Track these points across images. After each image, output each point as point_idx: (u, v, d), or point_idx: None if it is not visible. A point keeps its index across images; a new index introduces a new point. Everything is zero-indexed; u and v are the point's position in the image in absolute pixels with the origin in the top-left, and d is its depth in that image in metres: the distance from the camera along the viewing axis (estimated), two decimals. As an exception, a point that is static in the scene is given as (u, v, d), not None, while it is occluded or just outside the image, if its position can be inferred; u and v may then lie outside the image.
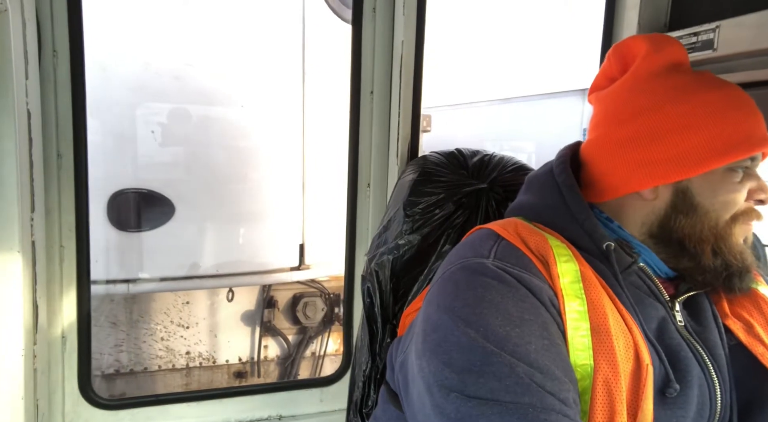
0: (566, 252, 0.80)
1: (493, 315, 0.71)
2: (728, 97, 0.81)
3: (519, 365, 0.67)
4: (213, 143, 2.93)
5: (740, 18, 1.01)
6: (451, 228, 1.09)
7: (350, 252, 1.71)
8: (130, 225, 2.78)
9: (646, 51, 0.85)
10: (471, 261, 0.80)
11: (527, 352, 0.68)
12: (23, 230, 1.27)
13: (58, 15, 1.36)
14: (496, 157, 1.21)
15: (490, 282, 0.75)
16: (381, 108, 1.64)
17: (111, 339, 3.25)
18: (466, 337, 0.70)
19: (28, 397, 1.34)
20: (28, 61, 1.27)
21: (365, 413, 1.14)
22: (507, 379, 0.66)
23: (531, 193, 0.94)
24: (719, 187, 0.81)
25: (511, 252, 0.80)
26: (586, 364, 0.71)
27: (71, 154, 1.42)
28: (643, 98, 0.84)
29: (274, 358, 3.58)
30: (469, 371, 0.67)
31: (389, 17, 1.59)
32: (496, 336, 0.69)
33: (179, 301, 3.37)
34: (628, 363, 0.72)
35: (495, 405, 0.65)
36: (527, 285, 0.75)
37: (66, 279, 1.45)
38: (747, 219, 0.84)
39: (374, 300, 1.13)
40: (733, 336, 0.84)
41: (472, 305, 0.73)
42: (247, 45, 2.87)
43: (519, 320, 0.71)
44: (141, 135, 2.78)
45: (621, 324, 0.75)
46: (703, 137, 0.80)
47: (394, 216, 1.16)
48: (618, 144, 0.86)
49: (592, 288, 0.76)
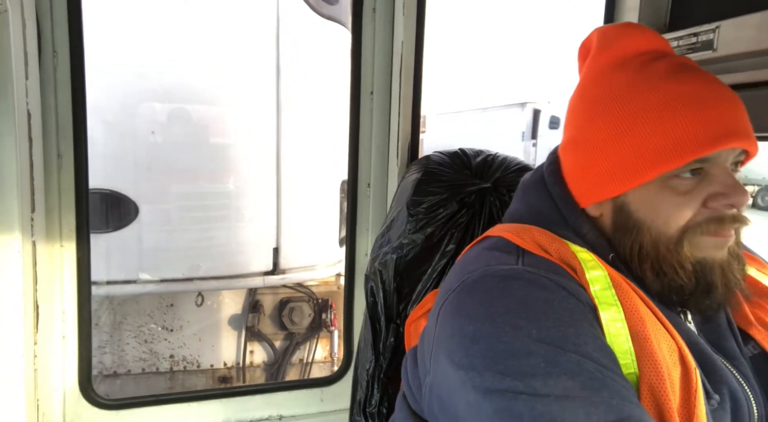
0: (591, 258, 0.75)
1: (543, 317, 0.67)
2: (669, 95, 0.72)
3: (586, 362, 0.63)
4: (180, 142, 2.83)
5: (740, 18, 1.02)
6: (455, 227, 1.10)
7: (350, 252, 1.71)
8: (92, 227, 2.70)
9: (596, 46, 0.80)
10: (498, 267, 0.75)
11: (588, 351, 0.64)
12: (23, 230, 1.27)
13: (58, 15, 1.35)
14: (499, 157, 1.21)
15: (528, 286, 0.70)
16: (381, 108, 1.64)
17: (94, 340, 3.17)
18: (519, 342, 0.65)
19: (28, 397, 1.33)
20: (27, 61, 1.27)
21: (369, 412, 1.14)
22: (579, 377, 0.62)
23: (525, 201, 0.89)
24: (657, 200, 0.73)
25: (539, 260, 0.75)
26: (630, 373, 0.66)
27: (71, 154, 1.42)
28: (586, 104, 0.79)
29: (260, 364, 3.50)
30: (534, 375, 0.63)
31: (389, 18, 1.59)
32: (553, 337, 0.65)
33: (163, 304, 3.30)
34: (676, 368, 0.67)
35: (576, 399, 0.60)
36: (566, 288, 0.70)
37: (66, 279, 1.45)
38: (707, 229, 0.72)
39: (377, 300, 1.14)
40: (757, 345, 0.78)
41: (517, 309, 0.68)
42: (219, 41, 2.78)
43: (570, 319, 0.67)
44: (104, 133, 2.66)
45: (661, 328, 0.70)
46: (629, 147, 0.73)
47: (398, 215, 1.16)
48: (565, 154, 0.84)
49: (625, 293, 0.71)
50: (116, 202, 2.72)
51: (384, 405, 1.13)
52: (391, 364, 1.13)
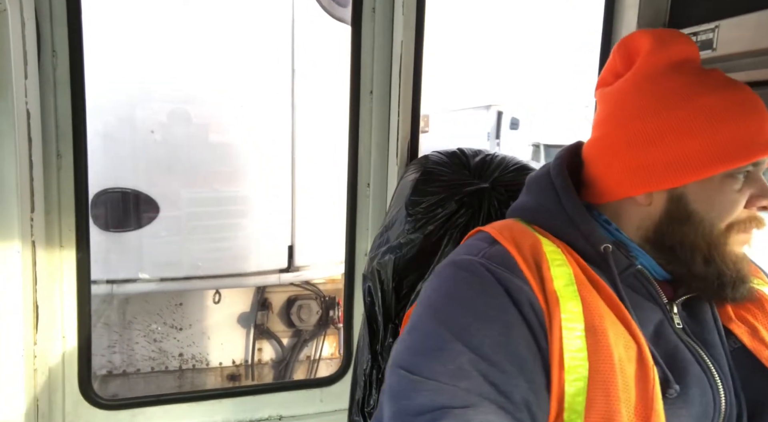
0: (560, 257, 0.80)
1: (459, 307, 0.76)
2: (730, 100, 0.78)
3: (467, 354, 0.71)
4: (200, 143, 2.90)
5: (740, 18, 1.02)
6: (454, 227, 1.10)
7: (350, 252, 1.71)
8: (114, 225, 2.78)
9: (650, 48, 0.83)
10: (459, 258, 0.83)
11: (480, 345, 0.71)
12: (23, 230, 1.27)
13: (58, 15, 1.35)
14: (498, 157, 1.21)
15: (468, 277, 0.78)
16: (380, 108, 1.64)
17: (104, 340, 3.21)
18: (431, 325, 0.76)
19: (28, 397, 1.33)
20: (27, 61, 1.27)
21: (367, 412, 1.14)
22: (450, 364, 0.70)
23: (530, 194, 0.94)
24: (715, 195, 0.79)
25: (499, 254, 0.81)
26: (580, 366, 0.70)
27: (71, 154, 1.42)
28: (642, 100, 0.82)
29: (268, 361, 3.54)
30: (422, 353, 0.73)
31: (389, 17, 1.59)
32: (456, 327, 0.74)
33: (172, 303, 3.33)
34: (630, 364, 0.71)
35: (432, 383, 0.69)
36: (505, 285, 0.76)
37: (66, 279, 1.45)
38: (746, 227, 0.81)
39: (375, 300, 1.14)
40: (737, 340, 0.83)
41: (446, 297, 0.79)
42: (236, 43, 2.83)
43: (483, 315, 0.74)
44: (126, 135, 2.75)
45: (620, 326, 0.74)
46: (698, 143, 0.77)
47: (396, 215, 1.16)
48: (615, 147, 0.85)
49: (586, 289, 0.76)
50: (137, 201, 2.79)
51: (383, 405, 1.13)
52: (390, 364, 1.13)
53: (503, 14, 25.65)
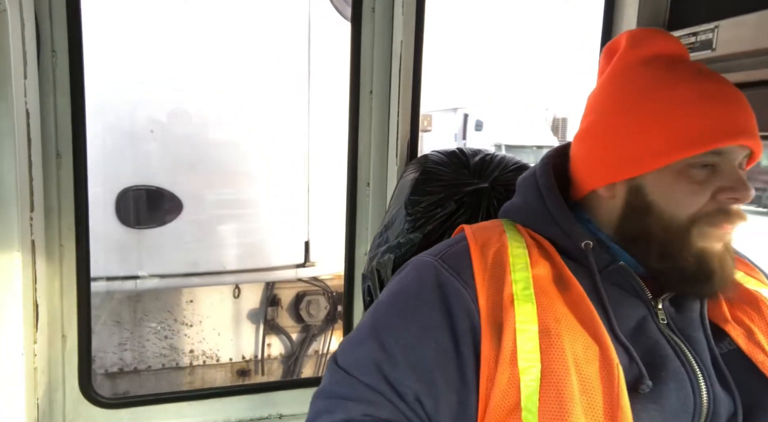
0: (522, 261, 0.81)
1: (391, 307, 0.83)
2: (692, 90, 0.78)
3: (379, 352, 0.78)
4: (219, 141, 3.00)
5: (739, 18, 1.02)
6: (453, 227, 1.09)
7: (350, 252, 1.72)
8: (137, 222, 2.87)
9: (624, 46, 0.86)
10: (420, 257, 0.88)
11: (394, 343, 0.78)
12: (23, 230, 1.27)
13: (57, 15, 1.35)
14: (497, 157, 1.21)
15: (414, 277, 0.84)
16: (380, 107, 1.64)
17: (115, 337, 3.26)
18: (366, 318, 0.85)
19: (28, 396, 1.34)
20: (26, 60, 1.27)
21: (367, 412, 1.14)
22: (363, 359, 0.78)
23: (518, 194, 0.96)
24: (673, 186, 0.78)
25: (458, 257, 0.84)
26: (532, 366, 0.72)
27: (70, 153, 1.42)
28: (610, 96, 0.85)
29: (277, 356, 3.61)
30: (348, 343, 0.83)
31: (388, 17, 1.59)
32: (381, 325, 0.81)
33: (183, 299, 3.38)
34: (590, 363, 0.72)
35: (343, 375, 0.79)
36: (444, 291, 0.80)
37: (66, 279, 1.45)
38: (713, 221, 0.78)
39: (375, 299, 1.14)
40: (732, 342, 0.82)
41: (388, 295, 0.86)
42: (254, 44, 2.91)
43: (410, 317, 0.80)
44: (145, 133, 2.85)
45: (578, 328, 0.75)
46: (653, 134, 0.78)
47: (396, 214, 1.16)
48: (585, 141, 0.88)
49: (543, 293, 0.78)
50: (161, 199, 2.89)
51: (382, 405, 1.13)
52: (390, 364, 1.13)
53: (473, 21, 25.47)
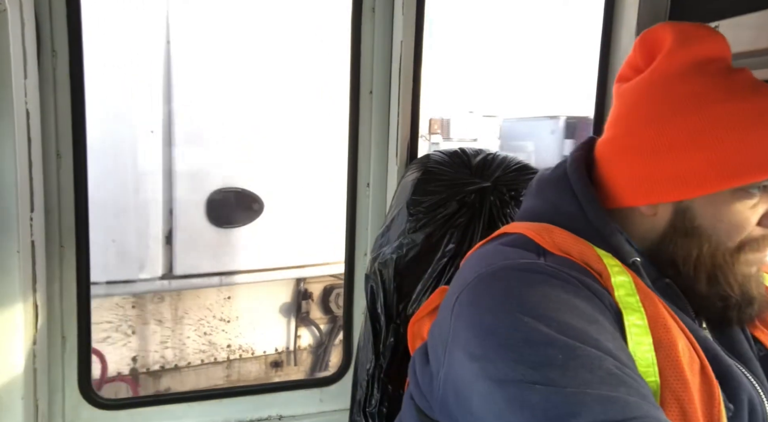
0: (616, 262, 0.74)
1: (564, 310, 0.66)
2: (749, 108, 0.70)
3: (606, 358, 0.62)
4: (295, 145, 3.29)
5: (740, 18, 1.02)
6: (455, 227, 1.10)
7: (350, 252, 1.71)
8: (225, 222, 3.21)
9: (671, 44, 0.75)
10: (518, 261, 0.74)
11: (609, 348, 0.63)
12: (23, 230, 1.27)
13: (57, 15, 1.35)
14: (499, 157, 1.21)
15: (552, 279, 0.69)
16: (380, 108, 1.64)
17: (156, 336, 3.45)
18: (538, 333, 0.64)
19: (28, 397, 1.33)
20: (26, 60, 1.27)
21: (369, 412, 1.14)
22: (598, 371, 0.61)
23: (543, 198, 0.86)
24: (724, 211, 0.73)
25: (561, 259, 0.74)
26: (651, 381, 0.65)
27: (71, 154, 1.41)
28: (655, 104, 0.75)
29: (306, 347, 3.84)
30: (551, 365, 0.62)
31: (388, 17, 1.59)
32: (573, 331, 0.64)
33: (221, 296, 3.57)
34: (695, 377, 0.66)
35: (594, 394, 0.59)
36: (589, 287, 0.69)
37: (66, 279, 1.44)
38: (758, 246, 0.74)
39: (377, 299, 1.14)
40: (762, 347, 0.78)
41: (537, 301, 0.67)
42: (326, 54, 3.21)
43: (592, 316, 0.66)
44: (233, 140, 3.18)
45: (683, 338, 0.69)
46: (707, 155, 0.71)
47: (398, 214, 1.16)
48: (623, 151, 0.80)
49: (650, 300, 0.70)
50: (247, 200, 3.19)
51: (384, 405, 1.13)
52: (392, 364, 1.13)
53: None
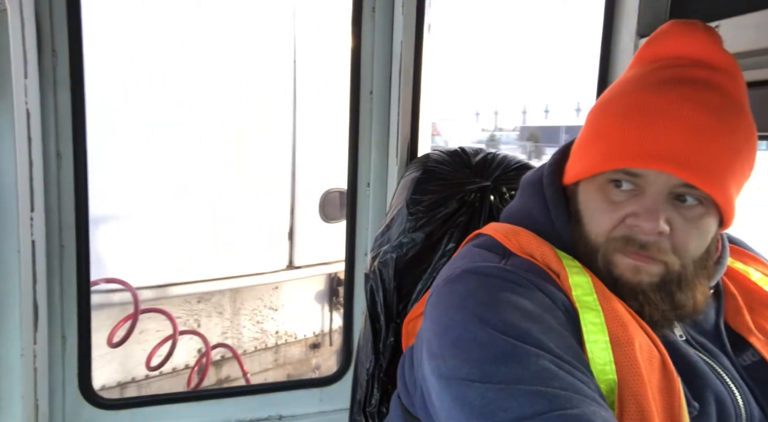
0: (576, 264, 0.75)
1: (510, 311, 0.68)
2: (638, 103, 0.70)
3: (545, 355, 0.63)
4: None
5: (740, 18, 1.02)
6: (455, 226, 1.10)
7: (350, 252, 1.71)
8: (332, 217, 3.69)
9: (647, 40, 0.79)
10: (480, 264, 0.77)
11: (551, 346, 0.64)
12: (23, 230, 1.27)
13: (57, 14, 1.35)
14: (499, 156, 1.21)
15: (504, 283, 0.72)
16: (380, 108, 1.64)
17: (218, 327, 3.75)
18: (484, 333, 0.66)
19: (27, 397, 1.33)
20: (27, 60, 1.27)
21: (369, 412, 1.14)
22: (533, 366, 0.62)
23: (522, 200, 0.89)
24: (592, 199, 0.75)
25: (522, 261, 0.76)
26: (609, 379, 0.65)
27: (71, 153, 1.41)
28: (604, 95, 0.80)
29: (337, 329, 4.16)
30: (491, 362, 0.64)
31: (389, 17, 1.59)
32: (516, 330, 0.65)
33: (270, 287, 3.91)
34: (655, 373, 0.66)
35: (524, 388, 0.61)
36: (542, 289, 0.71)
37: (66, 279, 1.45)
38: (622, 247, 0.71)
39: (377, 299, 1.14)
40: (756, 353, 0.77)
41: (488, 303, 0.70)
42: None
43: (538, 316, 0.67)
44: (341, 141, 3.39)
45: (642, 334, 0.69)
46: (586, 144, 0.76)
47: (398, 214, 1.16)
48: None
49: (607, 298, 0.71)
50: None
51: (384, 405, 1.13)
52: (392, 363, 1.13)
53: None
